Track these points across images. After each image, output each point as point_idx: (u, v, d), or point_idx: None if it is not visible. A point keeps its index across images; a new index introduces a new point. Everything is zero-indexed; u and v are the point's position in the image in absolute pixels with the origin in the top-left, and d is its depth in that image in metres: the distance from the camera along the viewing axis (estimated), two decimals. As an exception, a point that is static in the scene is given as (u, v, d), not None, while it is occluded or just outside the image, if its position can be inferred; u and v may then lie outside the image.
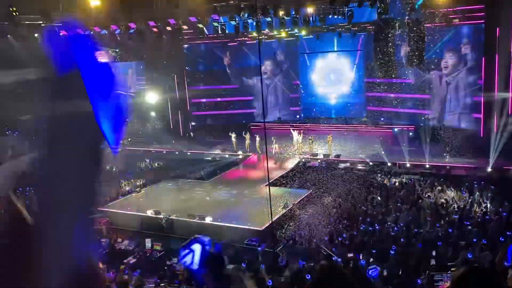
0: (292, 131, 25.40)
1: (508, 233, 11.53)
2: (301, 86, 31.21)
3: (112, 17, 19.44)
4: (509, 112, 19.58)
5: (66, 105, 1.38)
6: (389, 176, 19.89)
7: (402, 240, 12.57)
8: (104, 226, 16.24)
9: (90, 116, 1.41)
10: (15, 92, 20.89)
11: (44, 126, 1.42)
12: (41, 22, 21.30)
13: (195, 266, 2.25)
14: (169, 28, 23.39)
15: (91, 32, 20.77)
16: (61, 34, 1.45)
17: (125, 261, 13.81)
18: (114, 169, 21.86)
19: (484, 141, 20.29)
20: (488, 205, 15.41)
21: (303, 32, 26.13)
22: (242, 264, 11.79)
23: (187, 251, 2.29)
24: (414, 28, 17.90)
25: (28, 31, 21.96)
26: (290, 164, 22.95)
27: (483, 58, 21.02)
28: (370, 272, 7.61)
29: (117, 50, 25.65)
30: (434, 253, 11.34)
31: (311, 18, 20.99)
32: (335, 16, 20.93)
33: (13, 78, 19.73)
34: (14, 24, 20.99)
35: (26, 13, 20.97)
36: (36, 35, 22.22)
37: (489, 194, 16.05)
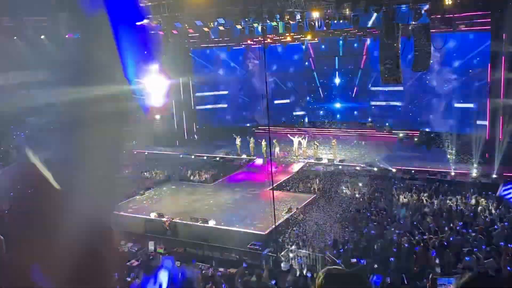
0: (291, 137, 24.80)
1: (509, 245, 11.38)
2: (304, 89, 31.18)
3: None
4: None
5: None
6: (393, 181, 19.79)
7: (406, 245, 12.49)
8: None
9: None
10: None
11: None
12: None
13: None
14: (175, 32, 23.41)
15: None
16: None
17: (128, 263, 13.78)
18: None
19: (489, 147, 20.15)
20: (493, 212, 15.29)
21: (308, 37, 26.09)
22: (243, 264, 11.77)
23: (152, 284, 2.22)
24: (420, 34, 17.83)
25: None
26: (294, 168, 22.87)
27: (489, 64, 20.92)
28: (373, 280, 7.58)
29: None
30: (438, 260, 11.26)
31: (316, 23, 20.93)
32: (341, 21, 20.89)
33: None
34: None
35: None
36: (42, 36, 22.32)
37: (493, 201, 15.96)
